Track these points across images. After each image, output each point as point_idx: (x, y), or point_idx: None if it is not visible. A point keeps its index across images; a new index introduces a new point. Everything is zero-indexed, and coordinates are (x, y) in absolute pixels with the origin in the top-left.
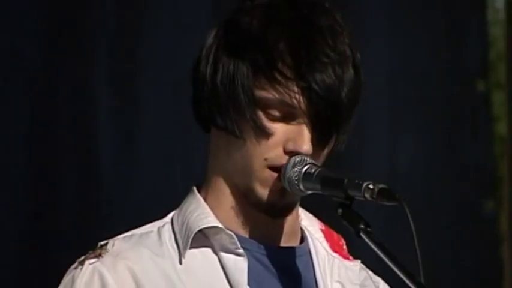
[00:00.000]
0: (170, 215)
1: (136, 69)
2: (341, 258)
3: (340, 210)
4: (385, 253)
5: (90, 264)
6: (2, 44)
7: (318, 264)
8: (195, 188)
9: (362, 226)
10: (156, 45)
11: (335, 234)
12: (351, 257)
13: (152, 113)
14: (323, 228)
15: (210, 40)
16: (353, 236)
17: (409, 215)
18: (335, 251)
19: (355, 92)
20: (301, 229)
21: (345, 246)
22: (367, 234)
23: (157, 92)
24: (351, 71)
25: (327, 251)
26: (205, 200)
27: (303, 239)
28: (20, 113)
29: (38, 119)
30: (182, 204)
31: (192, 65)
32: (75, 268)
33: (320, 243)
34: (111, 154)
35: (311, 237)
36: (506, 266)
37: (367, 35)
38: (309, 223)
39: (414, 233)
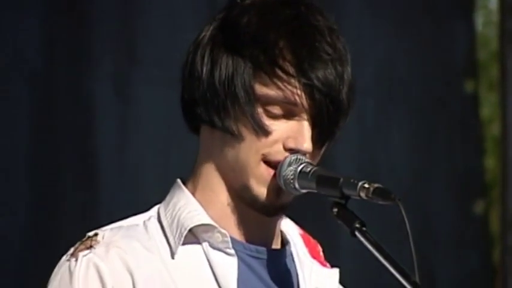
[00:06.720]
0: (155, 209)
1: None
2: (319, 265)
3: (335, 210)
4: (380, 253)
5: (84, 256)
6: (3, 45)
7: (300, 268)
8: (180, 183)
9: (357, 225)
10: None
11: (312, 240)
12: (328, 264)
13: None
14: (301, 233)
15: (204, 40)
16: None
17: (404, 215)
18: (314, 257)
19: (352, 90)
20: (282, 232)
21: (321, 253)
22: (363, 233)
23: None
24: (348, 69)
25: (306, 256)
26: (193, 196)
27: (284, 242)
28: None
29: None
30: (168, 198)
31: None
32: (68, 260)
33: (300, 248)
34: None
35: (292, 241)
36: (497, 266)
37: (352, 35)
38: (288, 227)
39: (409, 232)
